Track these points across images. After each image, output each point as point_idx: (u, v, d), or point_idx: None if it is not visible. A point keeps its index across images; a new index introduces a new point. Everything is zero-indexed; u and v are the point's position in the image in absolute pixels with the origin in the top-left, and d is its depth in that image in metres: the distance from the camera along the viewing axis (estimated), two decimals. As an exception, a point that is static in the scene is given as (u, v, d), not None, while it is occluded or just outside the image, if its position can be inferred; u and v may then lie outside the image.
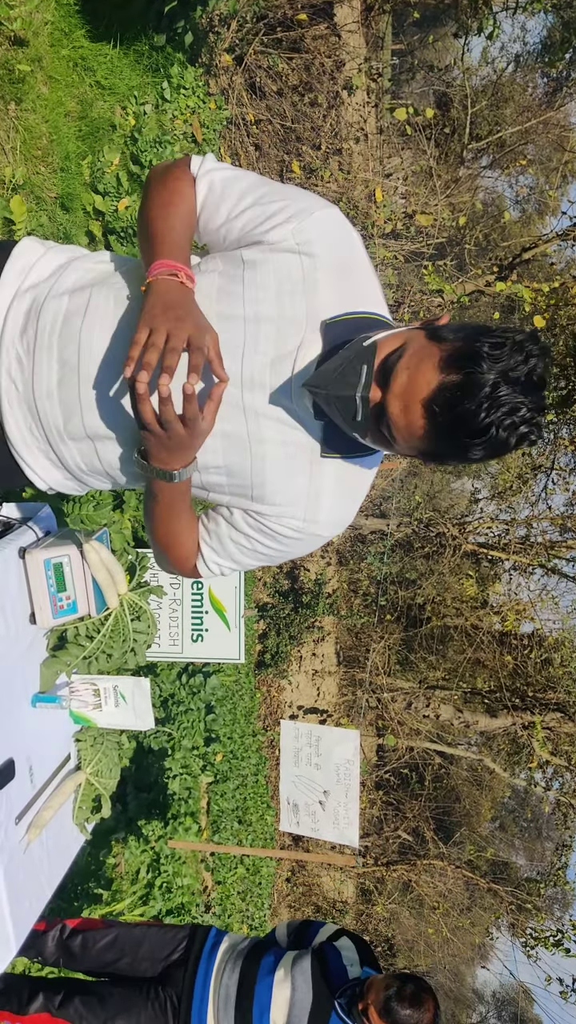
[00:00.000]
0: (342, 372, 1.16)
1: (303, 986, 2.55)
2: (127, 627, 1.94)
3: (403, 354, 1.14)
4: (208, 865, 6.75)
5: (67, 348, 1.33)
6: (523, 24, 12.88)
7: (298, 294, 1.26)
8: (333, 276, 1.28)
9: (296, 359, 1.27)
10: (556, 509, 9.60)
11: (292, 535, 1.38)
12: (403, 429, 1.15)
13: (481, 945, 13.34)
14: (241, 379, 1.27)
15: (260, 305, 1.26)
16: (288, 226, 1.26)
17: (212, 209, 1.32)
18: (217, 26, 6.32)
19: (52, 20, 4.49)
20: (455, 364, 1.09)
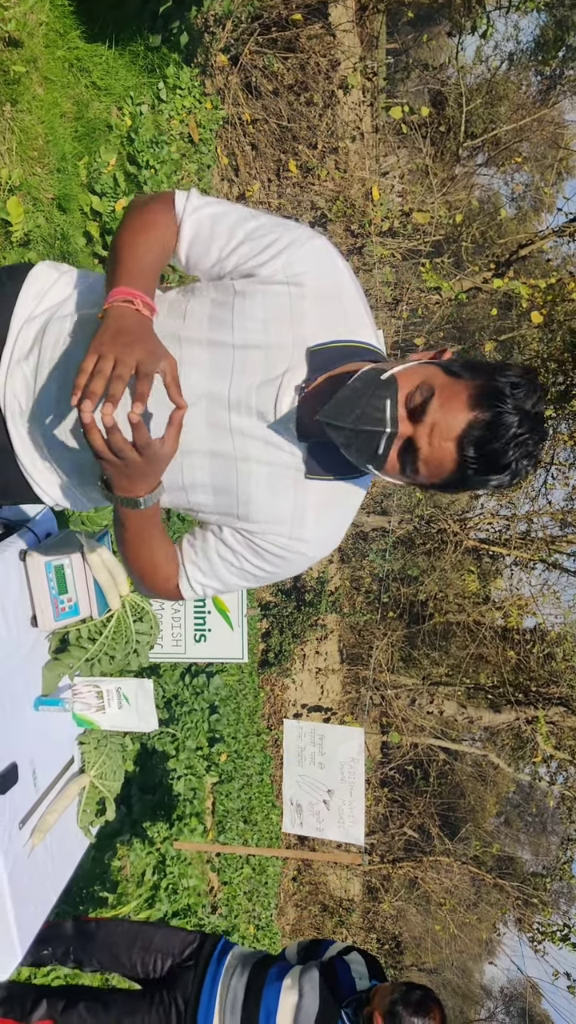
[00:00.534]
0: (362, 406, 1.18)
1: (310, 994, 2.55)
2: (129, 628, 1.94)
3: (434, 391, 1.18)
4: (214, 866, 6.75)
5: (66, 373, 1.37)
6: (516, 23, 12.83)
7: (285, 323, 1.30)
8: (319, 305, 1.31)
9: (281, 383, 1.30)
10: (556, 504, 9.60)
11: (278, 552, 1.40)
12: (432, 464, 1.19)
13: (488, 941, 13.35)
14: (228, 400, 1.31)
15: (248, 334, 1.29)
16: (279, 260, 1.30)
17: (202, 249, 1.35)
18: (212, 26, 6.32)
19: (47, 21, 4.49)
20: (483, 402, 1.15)
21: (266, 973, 2.66)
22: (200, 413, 1.32)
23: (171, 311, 1.36)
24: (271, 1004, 2.56)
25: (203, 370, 1.31)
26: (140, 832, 4.85)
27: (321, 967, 2.65)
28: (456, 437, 1.15)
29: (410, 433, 1.19)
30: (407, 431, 1.19)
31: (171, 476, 1.36)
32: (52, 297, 1.46)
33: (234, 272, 1.34)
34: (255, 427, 1.32)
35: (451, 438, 1.15)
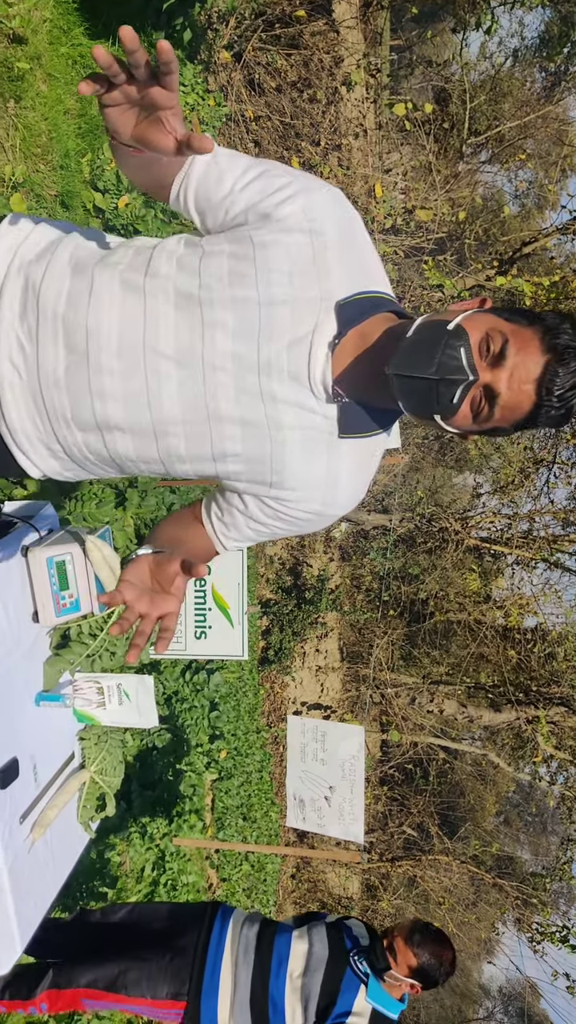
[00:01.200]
0: (438, 356, 1.19)
1: (319, 943, 2.66)
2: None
3: (508, 337, 1.20)
4: (213, 862, 6.75)
5: (74, 334, 1.30)
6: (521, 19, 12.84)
7: (311, 275, 1.27)
8: (342, 256, 1.29)
9: (312, 341, 1.27)
10: (558, 503, 9.58)
11: (309, 518, 1.42)
12: (509, 408, 1.22)
13: (487, 940, 13.34)
14: (258, 364, 1.27)
15: (274, 288, 1.25)
16: (297, 202, 1.27)
17: (215, 180, 1.30)
18: (215, 23, 6.31)
19: (51, 18, 4.49)
20: (556, 346, 1.20)
21: (276, 925, 2.78)
22: (228, 378, 1.28)
23: (182, 267, 1.30)
24: (283, 950, 2.65)
25: (227, 332, 1.26)
26: (140, 828, 4.85)
27: (327, 925, 2.76)
28: (536, 380, 1.19)
29: (489, 380, 1.20)
30: (487, 378, 1.21)
31: (201, 446, 1.33)
32: (30, 249, 1.39)
33: (248, 210, 1.29)
34: (287, 390, 1.29)
35: (531, 380, 1.19)
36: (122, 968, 2.58)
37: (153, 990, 2.57)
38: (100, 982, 2.57)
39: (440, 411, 1.23)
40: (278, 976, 2.57)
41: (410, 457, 10.29)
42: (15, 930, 1.74)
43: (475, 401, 1.22)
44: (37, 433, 1.40)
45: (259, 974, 2.58)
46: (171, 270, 1.30)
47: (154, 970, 2.59)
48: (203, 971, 2.60)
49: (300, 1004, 2.54)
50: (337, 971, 2.56)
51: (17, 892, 1.74)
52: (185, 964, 2.61)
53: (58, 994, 2.56)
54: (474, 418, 1.24)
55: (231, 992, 2.57)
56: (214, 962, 2.62)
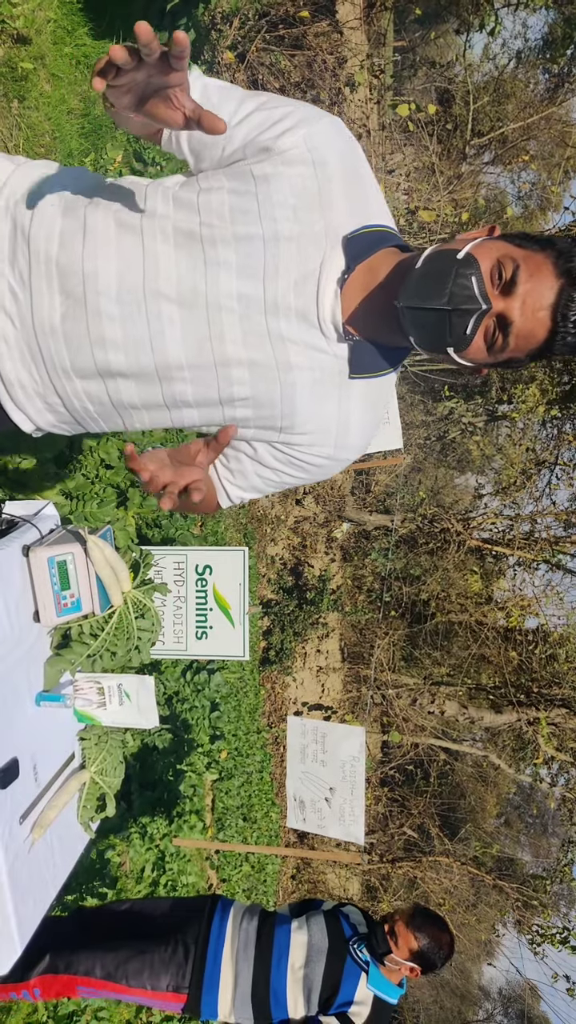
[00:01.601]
0: (449, 286, 1.16)
1: (318, 933, 2.68)
2: (131, 625, 1.94)
3: (519, 264, 1.16)
4: (213, 863, 6.74)
5: (70, 279, 1.25)
6: (524, 20, 12.84)
7: (315, 209, 1.22)
8: (346, 188, 1.25)
9: (320, 278, 1.24)
10: (560, 504, 9.58)
11: (320, 463, 1.38)
12: (523, 336, 1.18)
13: (487, 942, 13.34)
14: (264, 304, 1.23)
15: (278, 223, 1.21)
16: (299, 132, 1.22)
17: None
18: (219, 23, 6.31)
19: (55, 18, 4.49)
20: (570, 271, 1.15)
21: (275, 916, 2.80)
22: (235, 320, 1.23)
23: (179, 204, 1.24)
24: (283, 942, 2.67)
25: (231, 270, 1.21)
26: (140, 828, 4.85)
27: (324, 914, 2.78)
28: (551, 305, 1.15)
29: (502, 308, 1.17)
30: (500, 306, 1.17)
31: (208, 391, 1.29)
32: (13, 190, 1.32)
33: (247, 145, 1.24)
34: (296, 330, 1.25)
35: (545, 307, 1.15)
36: (123, 958, 2.58)
37: (154, 981, 2.56)
38: (99, 971, 2.56)
39: (453, 343, 1.19)
40: (279, 968, 2.59)
41: (412, 457, 10.28)
42: (14, 930, 1.74)
43: (488, 331, 1.19)
44: (34, 384, 1.34)
45: (260, 967, 2.60)
46: (168, 208, 1.24)
47: (156, 961, 2.59)
48: (204, 964, 2.61)
49: (303, 995, 2.55)
50: (338, 961, 2.58)
51: (16, 892, 1.73)
52: (187, 957, 2.62)
53: (53, 979, 2.55)
54: (488, 349, 1.20)
55: (232, 985, 2.58)
56: (215, 956, 2.63)
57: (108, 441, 4.03)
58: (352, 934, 2.68)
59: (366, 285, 1.26)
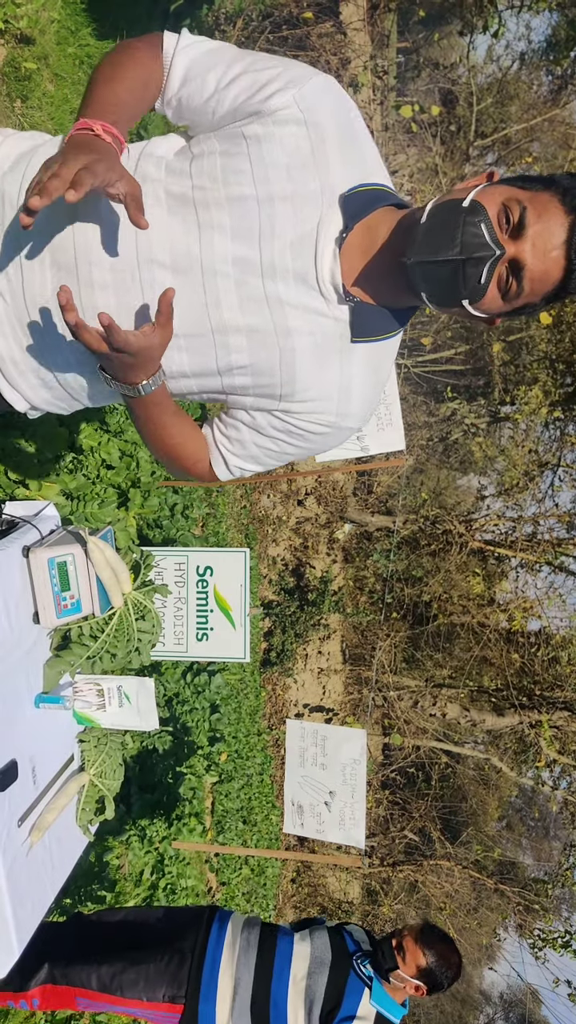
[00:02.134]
0: (458, 236, 1.12)
1: (322, 946, 2.63)
2: (131, 626, 1.93)
3: (525, 205, 1.12)
4: (212, 866, 6.73)
5: (61, 250, 1.22)
6: (528, 22, 12.86)
7: (310, 168, 1.19)
8: (341, 147, 1.21)
9: (317, 238, 1.20)
10: (563, 506, 9.57)
11: (322, 431, 1.33)
12: (538, 278, 1.14)
13: (488, 946, 13.30)
14: (261, 266, 1.19)
15: (272, 184, 1.17)
16: (289, 92, 1.19)
17: (198, 81, 1.23)
18: (223, 24, 6.31)
19: (58, 18, 4.48)
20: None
21: (276, 928, 2.75)
22: (231, 284, 1.20)
23: (171, 171, 1.21)
24: (286, 951, 2.61)
25: (225, 233, 1.18)
26: (139, 831, 4.84)
27: (328, 929, 2.74)
28: (563, 243, 1.11)
29: (514, 252, 1.13)
30: (512, 251, 1.13)
31: (205, 360, 1.26)
32: (1, 161, 1.30)
33: (237, 109, 1.21)
34: (294, 293, 1.21)
35: (558, 245, 1.11)
36: (118, 969, 2.55)
37: (150, 992, 2.52)
38: (95, 982, 2.53)
39: (468, 295, 1.15)
40: (280, 978, 2.53)
41: (414, 459, 10.28)
42: (12, 934, 1.73)
43: (502, 279, 1.15)
44: (27, 361, 1.32)
45: (261, 975, 2.54)
46: (160, 174, 1.21)
47: (152, 972, 2.55)
48: (201, 974, 2.56)
49: (304, 1007, 2.50)
50: (341, 974, 2.53)
51: (15, 895, 1.72)
52: (184, 967, 2.57)
53: (52, 990, 2.53)
54: (503, 297, 1.16)
55: (231, 994, 2.53)
56: (212, 965, 2.58)
57: (109, 442, 4.02)
58: (356, 949, 2.63)
59: (365, 245, 1.22)
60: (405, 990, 2.58)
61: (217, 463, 1.40)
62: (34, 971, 2.54)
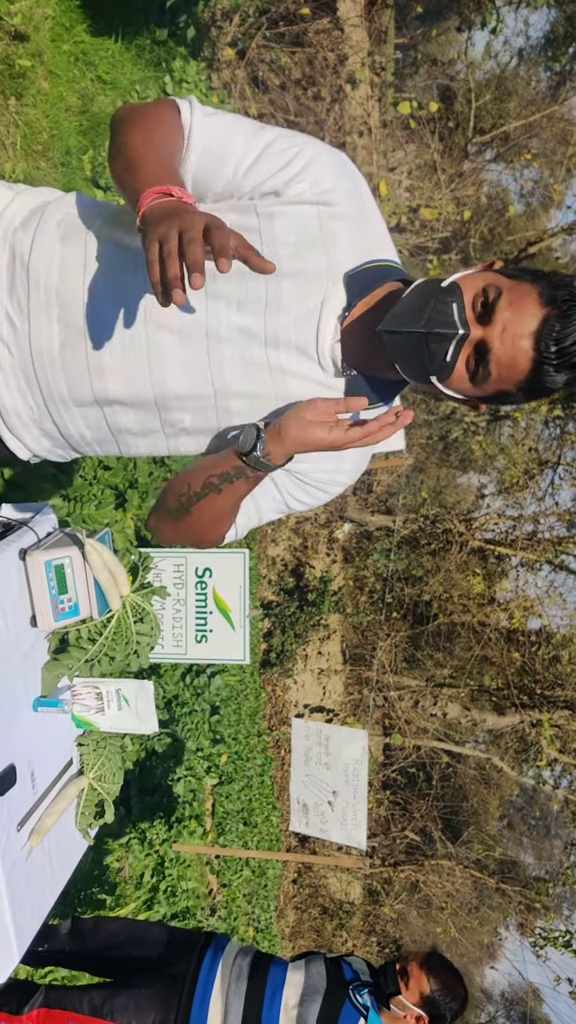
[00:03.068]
0: (428, 311, 1.15)
1: (317, 975, 2.55)
2: (130, 629, 1.91)
3: (502, 291, 1.14)
4: (213, 868, 6.71)
5: (69, 308, 1.25)
6: (526, 18, 12.80)
7: (318, 245, 1.22)
8: (349, 225, 1.25)
9: (321, 315, 1.24)
10: (563, 505, 9.56)
11: (321, 485, 1.38)
12: (505, 364, 1.15)
13: (489, 945, 13.30)
14: (264, 337, 1.23)
15: (281, 261, 1.20)
16: (305, 178, 1.22)
17: (216, 164, 1.24)
18: (219, 20, 6.29)
19: (53, 15, 4.46)
20: (555, 299, 1.13)
21: (271, 957, 2.67)
22: (235, 351, 1.23)
23: None
24: (278, 979, 2.54)
25: (231, 304, 1.22)
26: (139, 833, 4.82)
27: (325, 959, 2.66)
28: (532, 333, 1.12)
29: (481, 335, 1.15)
30: (478, 333, 1.15)
31: (206, 420, 1.29)
32: (11, 218, 1.31)
33: (253, 191, 1.23)
34: (295, 363, 1.25)
35: (526, 335, 1.12)
36: (110, 993, 2.51)
37: (140, 1016, 2.46)
38: (87, 1006, 2.50)
39: (435, 371, 1.17)
40: (272, 1006, 2.45)
41: (414, 458, 10.26)
42: (12, 939, 1.71)
43: (470, 361, 1.16)
44: (30, 412, 1.34)
45: (252, 1003, 2.46)
46: None
47: (142, 996, 2.50)
48: (192, 999, 2.50)
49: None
50: (335, 1003, 2.44)
51: (14, 901, 1.70)
52: (174, 991, 2.51)
53: (48, 1014, 2.51)
54: (471, 379, 1.18)
55: (220, 1021, 2.48)
56: (204, 990, 2.52)
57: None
58: (353, 978, 2.55)
59: (365, 318, 1.26)
60: (405, 1019, 2.47)
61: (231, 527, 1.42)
62: (30, 995, 2.53)
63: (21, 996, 2.54)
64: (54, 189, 1.41)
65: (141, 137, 1.17)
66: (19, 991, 2.57)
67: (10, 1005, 2.52)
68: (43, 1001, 2.53)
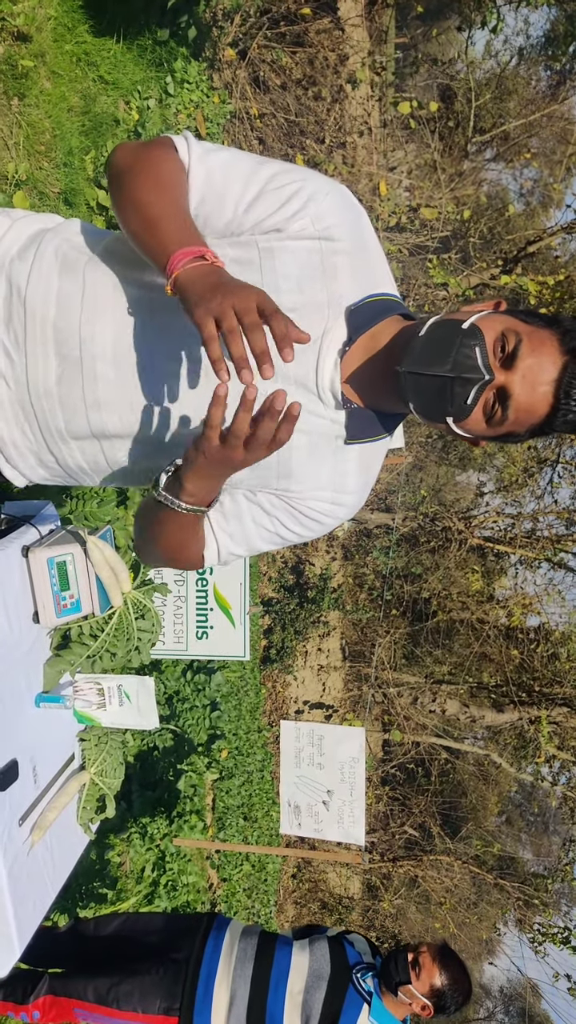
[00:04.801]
0: (453, 354, 1.15)
1: (321, 959, 2.58)
2: (131, 626, 1.93)
3: (522, 338, 1.15)
4: (214, 862, 6.74)
5: (67, 342, 1.24)
6: (526, 18, 12.80)
7: (319, 279, 1.22)
8: (350, 260, 1.24)
9: (321, 349, 1.23)
10: (562, 503, 9.57)
11: (317, 516, 1.36)
12: (524, 410, 1.16)
13: (488, 940, 13.32)
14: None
15: (282, 294, 1.19)
16: (307, 214, 1.21)
17: (216, 203, 1.23)
18: (220, 20, 6.29)
19: (55, 15, 4.47)
20: (574, 349, 1.15)
21: (276, 937, 2.70)
22: (232, 385, 1.19)
23: None
24: (283, 963, 2.57)
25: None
26: (140, 828, 4.84)
27: (328, 940, 2.68)
28: (553, 381, 1.14)
29: (503, 381, 1.16)
30: (501, 379, 1.16)
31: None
32: (8, 247, 1.30)
33: (255, 228, 1.23)
34: (294, 395, 1.24)
35: (547, 381, 1.14)
36: (114, 981, 2.52)
37: (144, 1004, 2.49)
38: (91, 994, 2.52)
39: (454, 413, 1.18)
40: (277, 990, 2.48)
41: (413, 456, 10.26)
42: (13, 933, 1.73)
43: (488, 403, 1.18)
44: (27, 443, 1.34)
45: (257, 988, 2.49)
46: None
47: (147, 983, 2.52)
48: (196, 985, 2.51)
49: (300, 1021, 2.47)
50: (339, 988, 2.47)
51: (16, 895, 1.72)
52: (179, 978, 2.53)
53: (53, 1001, 2.53)
54: (487, 421, 1.19)
55: (227, 1006, 2.48)
56: (208, 976, 2.53)
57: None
58: (357, 961, 2.58)
59: (368, 352, 1.26)
60: (411, 1007, 2.52)
61: (209, 549, 1.38)
62: (35, 984, 2.55)
63: (27, 985, 2.57)
64: (54, 215, 1.39)
65: (155, 192, 1.15)
66: (24, 980, 2.60)
67: (15, 995, 2.55)
68: (48, 989, 2.55)
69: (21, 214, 1.37)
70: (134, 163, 1.20)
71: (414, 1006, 2.52)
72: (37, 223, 1.35)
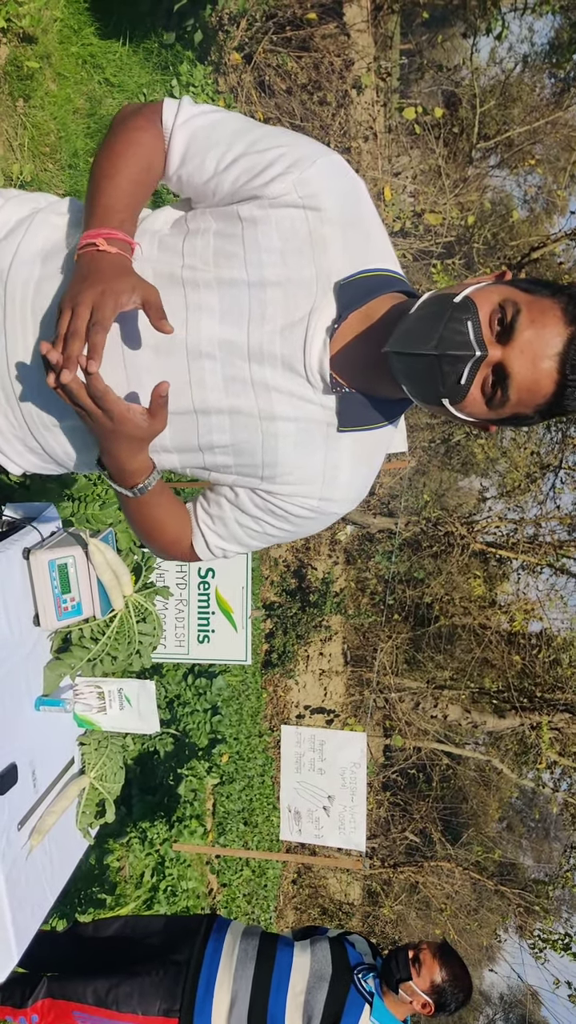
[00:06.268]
0: (440, 330, 1.05)
1: (323, 959, 2.57)
2: (132, 629, 1.92)
3: (520, 308, 1.06)
4: (214, 867, 6.72)
5: (46, 326, 1.21)
6: (531, 25, 12.77)
7: (306, 253, 1.14)
8: (341, 231, 1.16)
9: (308, 326, 1.16)
10: (565, 508, 9.56)
11: (305, 514, 1.29)
12: (526, 388, 1.07)
13: (488, 947, 13.28)
14: (248, 350, 1.16)
15: (265, 268, 1.13)
16: (289, 177, 1.14)
17: (197, 161, 1.18)
18: (227, 24, 6.31)
19: (61, 17, 4.48)
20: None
21: (277, 938, 2.69)
22: (216, 366, 1.16)
23: (164, 248, 1.18)
24: (284, 964, 2.56)
25: (214, 315, 1.15)
26: (140, 833, 4.83)
27: (329, 941, 2.68)
28: (557, 355, 1.03)
29: (499, 357, 1.06)
30: (496, 354, 1.06)
31: (186, 437, 1.23)
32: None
33: (235, 192, 1.16)
34: (280, 379, 1.17)
35: (550, 355, 1.04)
36: (114, 983, 2.51)
37: (144, 1006, 2.47)
38: (91, 996, 2.51)
39: (447, 394, 1.09)
40: (279, 991, 2.48)
41: (416, 460, 10.26)
42: (11, 938, 1.72)
43: (486, 383, 1.08)
44: (11, 429, 1.31)
45: (259, 988, 2.49)
46: (152, 251, 1.19)
47: (147, 985, 2.51)
48: (196, 986, 2.51)
49: (302, 1022, 2.46)
50: (341, 989, 2.47)
51: (14, 900, 1.71)
52: (179, 979, 2.52)
53: (52, 1004, 2.52)
54: (487, 403, 1.10)
55: (228, 1007, 2.47)
56: (208, 977, 2.53)
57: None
58: (358, 962, 2.58)
59: (360, 332, 1.18)
60: (412, 1005, 2.52)
61: (198, 543, 1.36)
62: (33, 987, 2.54)
63: (24, 988, 2.55)
64: (47, 195, 1.36)
65: (109, 162, 1.15)
66: (22, 983, 2.58)
67: (14, 999, 2.53)
68: (46, 992, 2.54)
69: (14, 193, 1.34)
70: (112, 130, 1.20)
71: (415, 1004, 2.52)
72: (30, 202, 1.33)
